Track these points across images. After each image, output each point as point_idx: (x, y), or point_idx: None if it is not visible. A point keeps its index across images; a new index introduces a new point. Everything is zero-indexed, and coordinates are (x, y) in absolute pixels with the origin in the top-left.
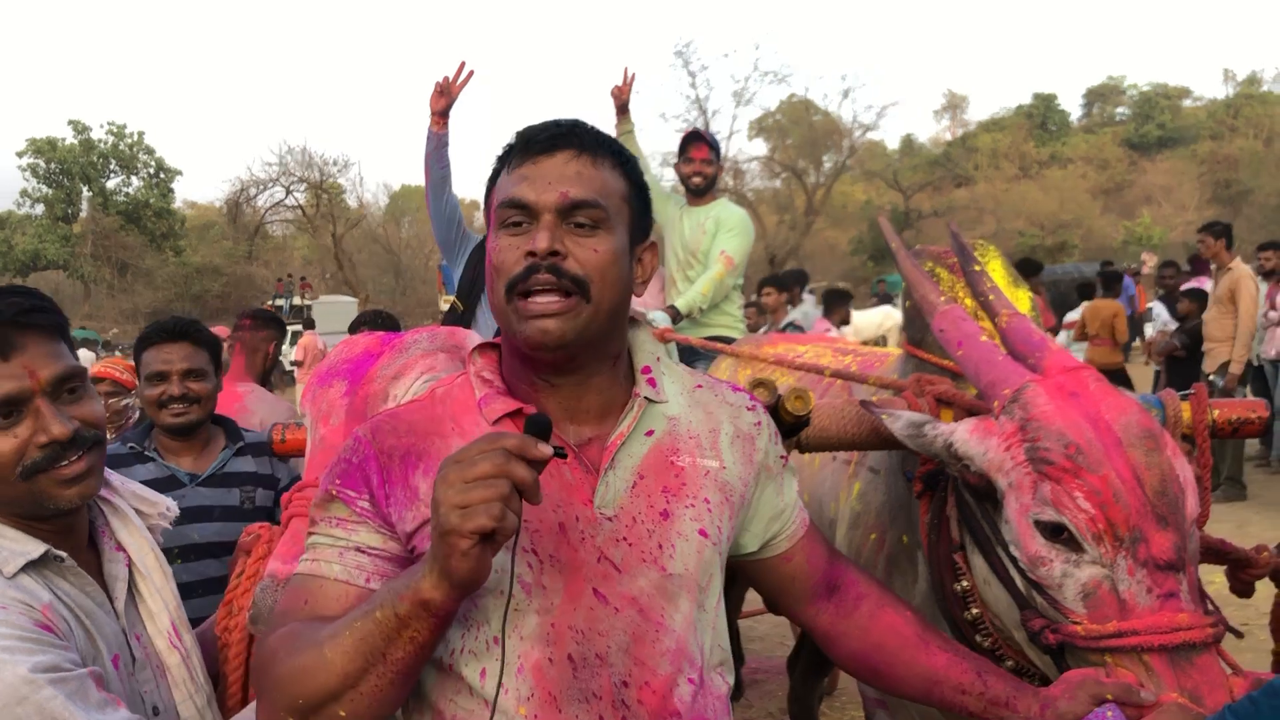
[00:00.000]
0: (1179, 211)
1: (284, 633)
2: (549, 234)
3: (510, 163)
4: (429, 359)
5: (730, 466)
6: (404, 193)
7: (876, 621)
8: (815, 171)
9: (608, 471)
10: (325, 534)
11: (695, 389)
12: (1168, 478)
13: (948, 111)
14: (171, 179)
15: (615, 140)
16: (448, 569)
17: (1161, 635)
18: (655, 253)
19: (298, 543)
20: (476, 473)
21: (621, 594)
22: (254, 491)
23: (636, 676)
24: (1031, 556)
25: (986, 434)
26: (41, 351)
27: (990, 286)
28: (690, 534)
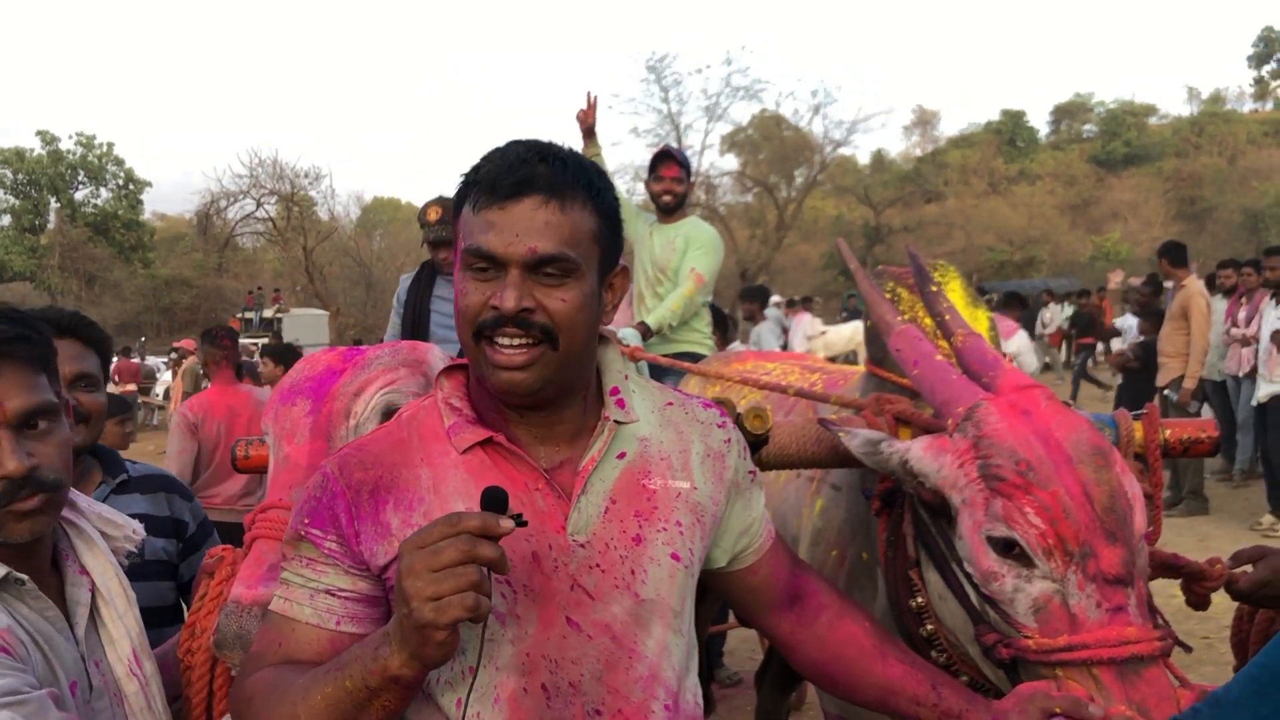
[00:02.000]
0: (1145, 228)
1: (259, 679)
2: (516, 292)
3: (475, 200)
4: (390, 374)
5: (701, 486)
6: (375, 205)
7: (835, 631)
8: (787, 186)
9: (580, 497)
10: (296, 573)
11: (665, 407)
12: (1116, 494)
13: (918, 127)
14: (141, 190)
15: (584, 166)
16: (421, 655)
17: (1110, 649)
18: (626, 276)
19: (260, 565)
20: (443, 561)
21: (595, 621)
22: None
23: (610, 704)
24: (984, 572)
25: (940, 451)
26: (15, 382)
27: (946, 306)
28: (663, 559)
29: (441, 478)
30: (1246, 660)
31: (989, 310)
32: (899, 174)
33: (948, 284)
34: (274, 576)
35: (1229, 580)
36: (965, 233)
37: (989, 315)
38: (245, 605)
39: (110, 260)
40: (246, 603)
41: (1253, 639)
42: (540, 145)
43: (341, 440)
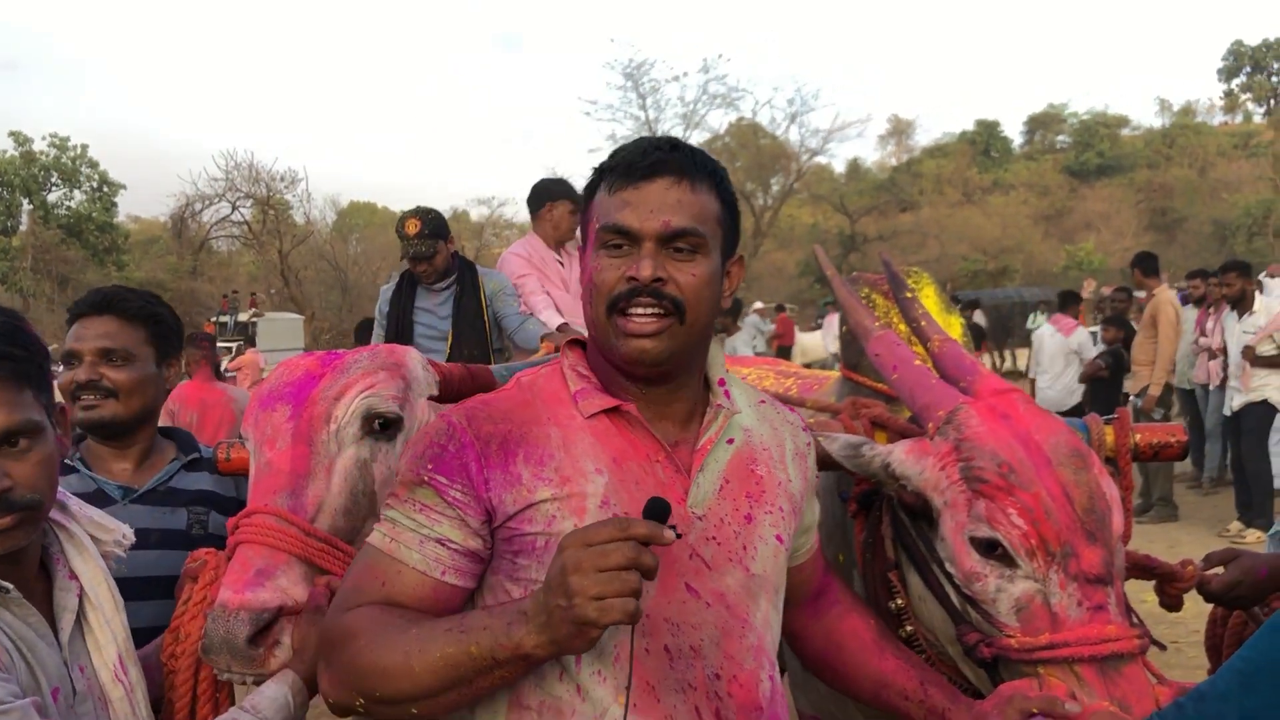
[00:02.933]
0: (1117, 238)
1: (363, 616)
2: (652, 261)
3: (611, 184)
4: (370, 377)
5: (794, 480)
6: (352, 209)
7: (842, 624)
8: (763, 194)
9: (698, 474)
10: (408, 516)
11: (759, 404)
12: (1095, 495)
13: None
14: (115, 193)
15: (710, 158)
16: (567, 645)
17: (1091, 646)
18: (742, 266)
19: (246, 570)
20: (611, 563)
21: (711, 589)
22: (206, 515)
23: (727, 670)
24: (967, 572)
25: (922, 454)
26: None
27: (922, 313)
28: (769, 538)
29: (571, 438)
30: (1221, 662)
31: (961, 318)
32: (874, 183)
33: (921, 290)
34: (261, 582)
35: (1201, 582)
36: (940, 242)
37: (961, 322)
38: (232, 610)
39: (83, 263)
40: (233, 608)
41: (1227, 641)
42: (668, 138)
43: (323, 445)
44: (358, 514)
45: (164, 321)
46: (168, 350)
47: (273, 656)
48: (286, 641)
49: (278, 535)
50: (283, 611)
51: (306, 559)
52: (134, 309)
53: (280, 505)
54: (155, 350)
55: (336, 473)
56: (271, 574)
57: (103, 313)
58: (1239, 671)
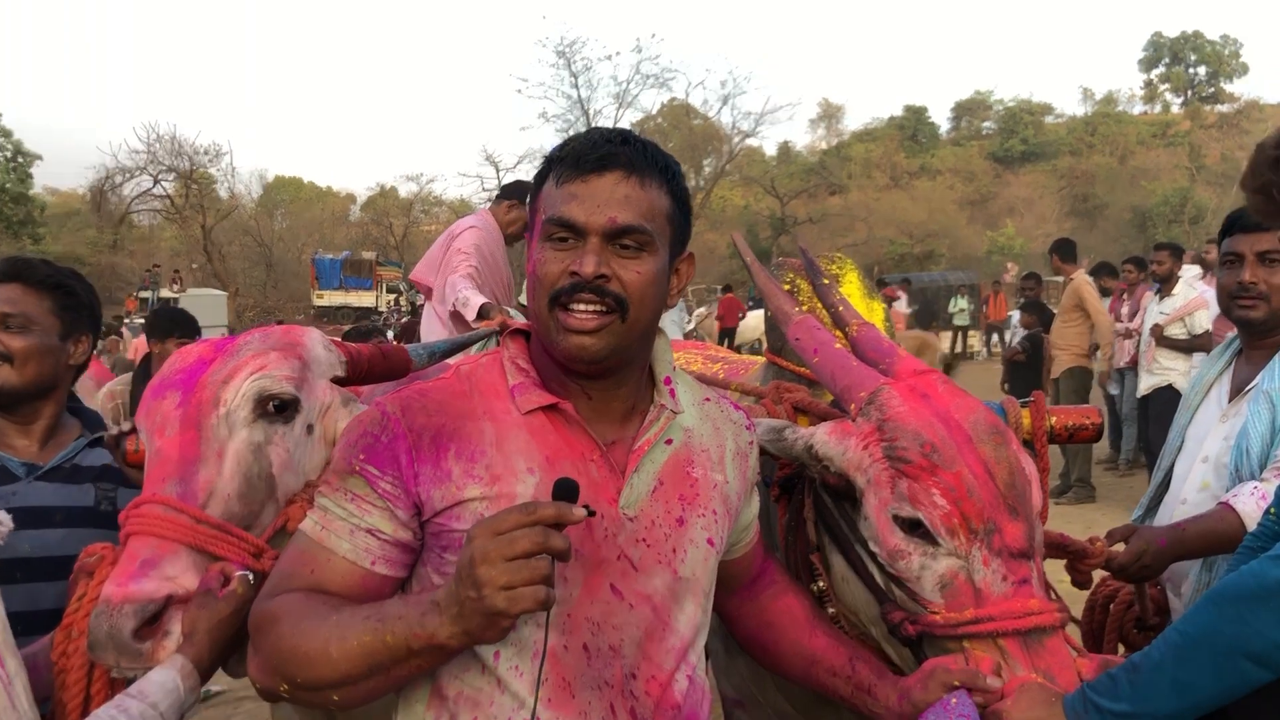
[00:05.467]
0: (1040, 223)
1: (287, 601)
2: (596, 257)
3: (559, 176)
4: (260, 359)
5: (731, 482)
6: (278, 184)
7: (775, 603)
8: (695, 176)
9: (633, 475)
10: (339, 505)
11: (704, 402)
12: (1015, 470)
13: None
14: (30, 164)
15: (661, 153)
16: (479, 636)
17: (1015, 620)
18: (692, 263)
19: (133, 562)
20: (518, 550)
21: (637, 591)
22: (114, 490)
23: (645, 670)
24: (890, 551)
25: (845, 435)
26: None
27: (839, 299)
28: (700, 542)
29: (504, 434)
30: (1099, 649)
31: (885, 303)
32: (805, 166)
33: (845, 275)
34: (145, 573)
35: (1109, 557)
36: (867, 225)
37: (884, 307)
38: (115, 605)
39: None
40: (117, 602)
41: (1108, 629)
42: (622, 131)
43: (213, 429)
44: (254, 498)
45: (74, 294)
46: (76, 325)
47: (161, 648)
48: (176, 630)
49: (165, 524)
50: (171, 601)
51: (197, 546)
52: (40, 277)
53: (169, 493)
54: (60, 323)
55: (228, 457)
56: (157, 564)
57: (8, 280)
58: (1174, 645)
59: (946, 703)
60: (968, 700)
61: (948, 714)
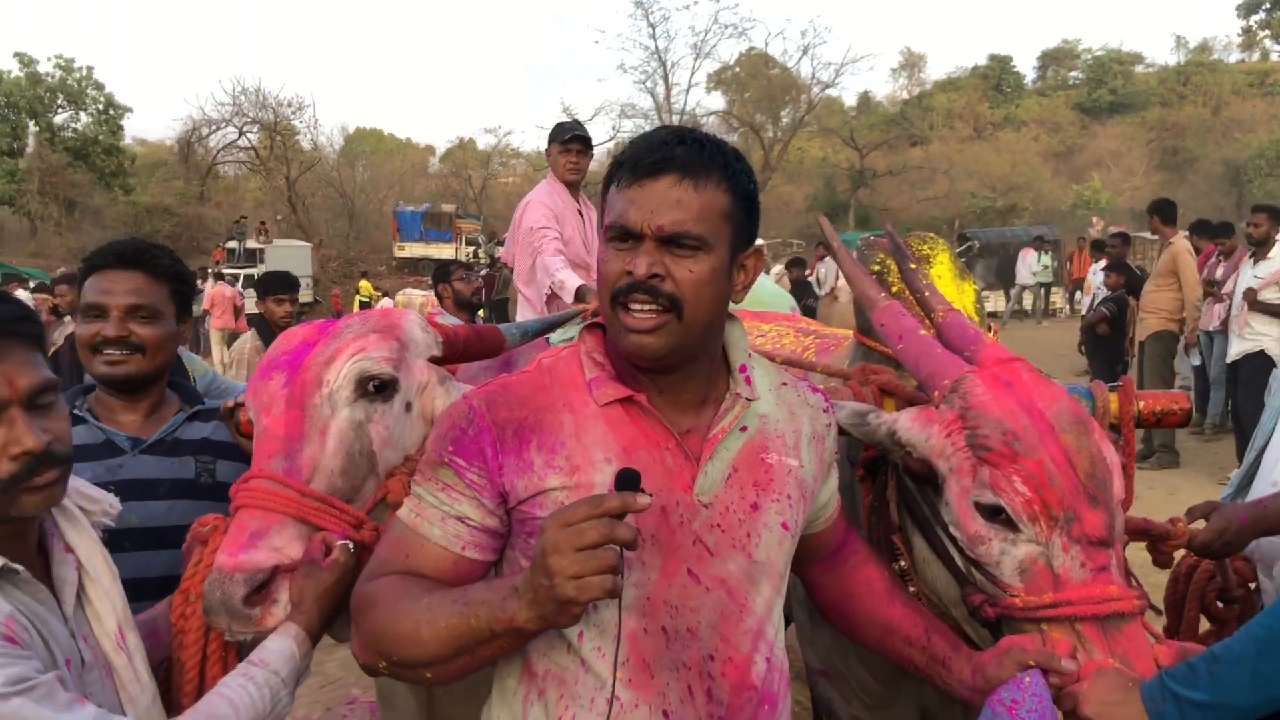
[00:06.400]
0: (1127, 176)
1: (384, 585)
2: (648, 260)
3: (619, 180)
4: (360, 341)
5: (807, 466)
6: (359, 135)
7: (856, 573)
8: (773, 127)
9: (707, 462)
10: (431, 494)
11: (780, 386)
12: (1096, 460)
13: (905, 70)
14: (121, 116)
15: (722, 149)
16: (553, 621)
17: (1094, 605)
18: (760, 256)
19: (242, 533)
20: (586, 540)
21: (713, 575)
22: (213, 463)
23: (722, 651)
24: (971, 536)
25: (928, 422)
26: (21, 360)
27: (926, 284)
28: (775, 526)
29: (583, 426)
30: (1180, 620)
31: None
32: (885, 117)
33: (936, 257)
34: (254, 543)
35: (1190, 536)
36: (949, 178)
37: (975, 288)
38: (227, 573)
39: (90, 186)
40: (228, 570)
41: (1189, 597)
42: (682, 130)
43: (316, 408)
44: (355, 473)
45: (186, 281)
46: (184, 307)
47: (270, 614)
48: (284, 598)
49: (272, 498)
50: (278, 570)
51: (302, 518)
52: (164, 267)
53: (275, 469)
54: (176, 308)
55: (331, 434)
56: (265, 535)
57: (130, 268)
58: (1255, 638)
59: (1020, 681)
60: (1041, 680)
61: (1021, 692)
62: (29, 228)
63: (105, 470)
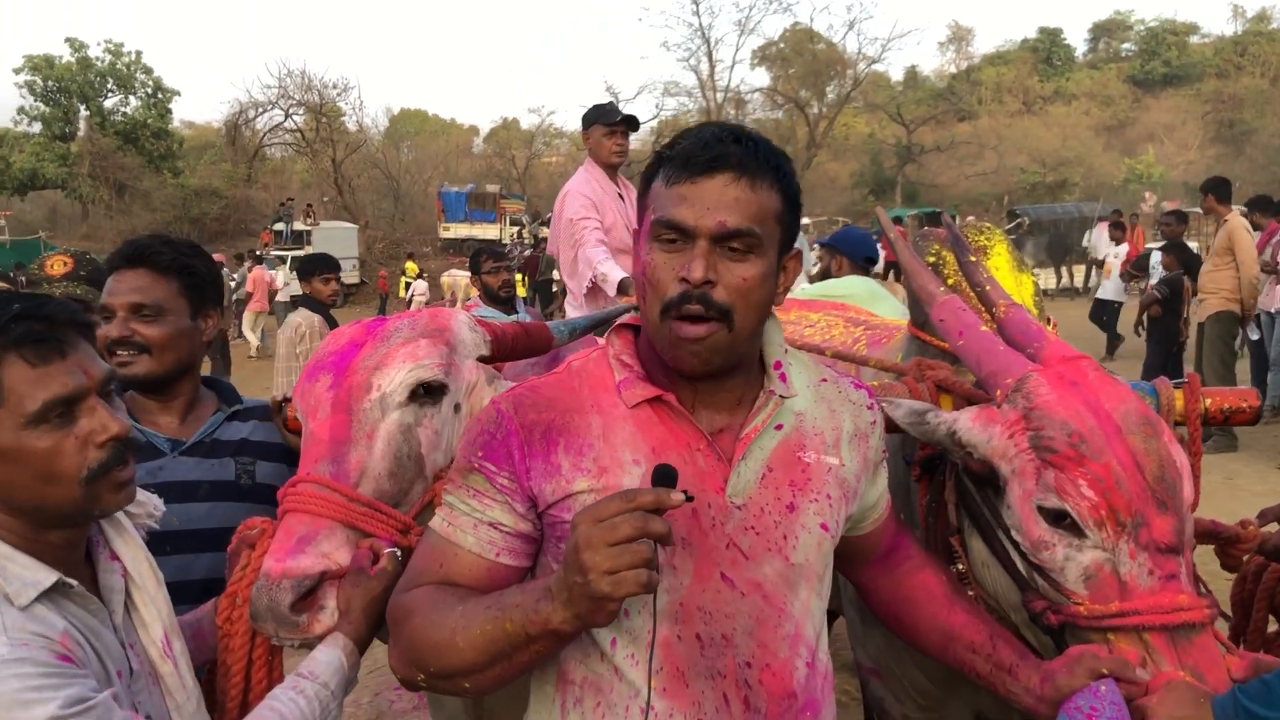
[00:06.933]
0: (1181, 150)
1: (420, 595)
2: (704, 262)
3: (669, 176)
4: (410, 346)
5: (848, 464)
6: (403, 116)
7: (912, 578)
8: (818, 103)
9: (740, 463)
10: (462, 501)
11: (820, 383)
12: (1165, 463)
13: (953, 44)
14: (169, 99)
15: (774, 150)
16: (590, 620)
17: (1163, 615)
18: (799, 260)
19: (290, 538)
20: (620, 535)
21: (748, 579)
22: (253, 465)
23: (759, 658)
24: (1034, 541)
25: (989, 422)
26: (88, 352)
27: (986, 277)
28: (813, 527)
29: (611, 427)
30: (1248, 619)
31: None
32: (932, 91)
33: (993, 248)
34: (302, 549)
35: (1261, 540)
36: (998, 153)
37: (1033, 280)
38: (274, 579)
39: (140, 169)
40: (275, 576)
41: (1258, 598)
42: (733, 127)
43: (365, 413)
44: (404, 477)
45: (198, 273)
46: (203, 302)
47: (317, 621)
48: (331, 605)
49: (320, 502)
50: (326, 576)
51: (349, 524)
52: (165, 261)
53: (323, 473)
54: (189, 303)
55: (379, 439)
56: (313, 540)
57: (135, 266)
58: None
59: (1096, 689)
60: (1116, 689)
61: (1099, 700)
62: (80, 211)
63: (145, 473)
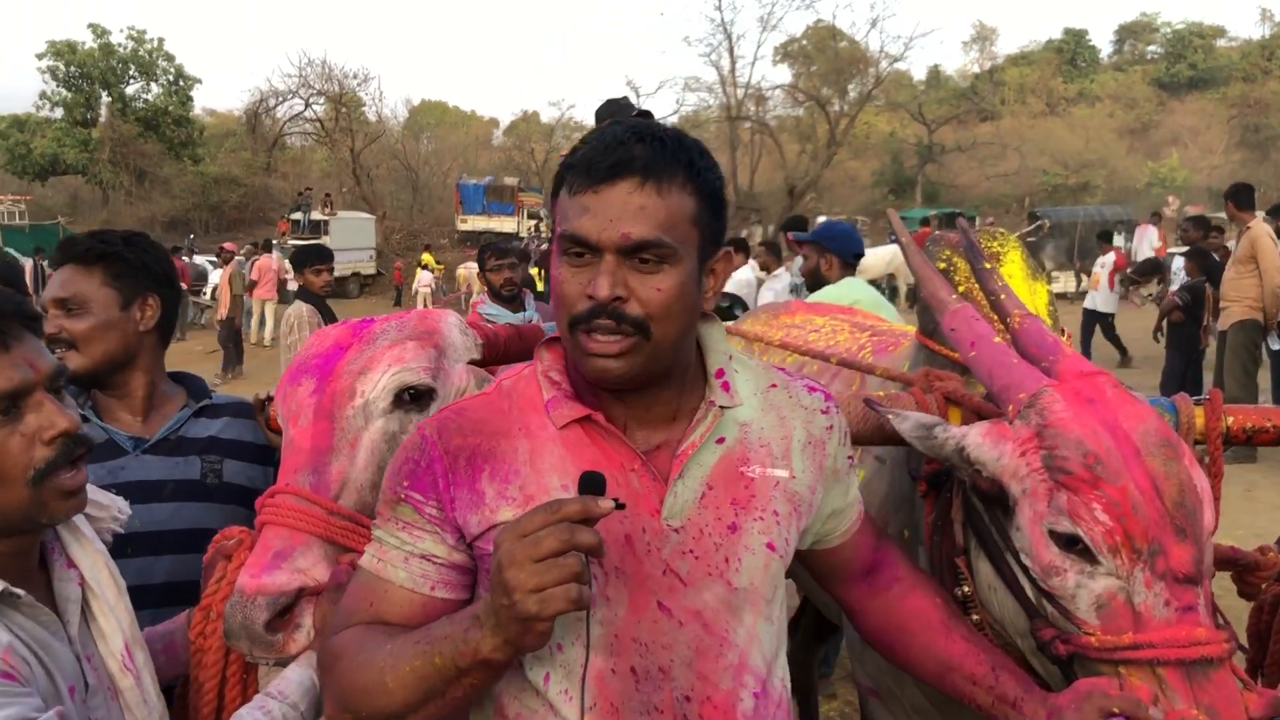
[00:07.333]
0: (1205, 154)
1: (348, 638)
2: (610, 279)
3: (572, 185)
4: (396, 349)
5: (800, 475)
6: (423, 107)
7: (904, 603)
8: (839, 100)
9: (677, 481)
10: (391, 535)
11: (769, 389)
12: (1186, 488)
13: (976, 43)
14: (190, 87)
15: (685, 145)
16: (519, 644)
17: (1179, 649)
18: (729, 260)
19: (265, 553)
20: (545, 550)
21: (686, 607)
22: (220, 463)
23: (699, 691)
24: (1044, 566)
25: (1000, 439)
26: (37, 346)
27: (1001, 285)
28: (758, 548)
29: (539, 451)
30: (1265, 652)
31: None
32: (955, 91)
33: (1007, 254)
34: (278, 564)
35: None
36: (1020, 154)
37: (1048, 289)
38: (249, 596)
39: (160, 156)
40: (250, 593)
41: (1275, 629)
42: (639, 125)
43: (348, 420)
44: None
45: (123, 259)
46: (134, 289)
47: (293, 640)
48: (307, 623)
49: (298, 515)
50: (303, 593)
51: (328, 538)
52: (82, 251)
53: (303, 484)
54: (116, 292)
55: (362, 448)
56: (290, 555)
57: (63, 262)
58: None
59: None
60: None
61: None
62: (101, 197)
63: (106, 472)
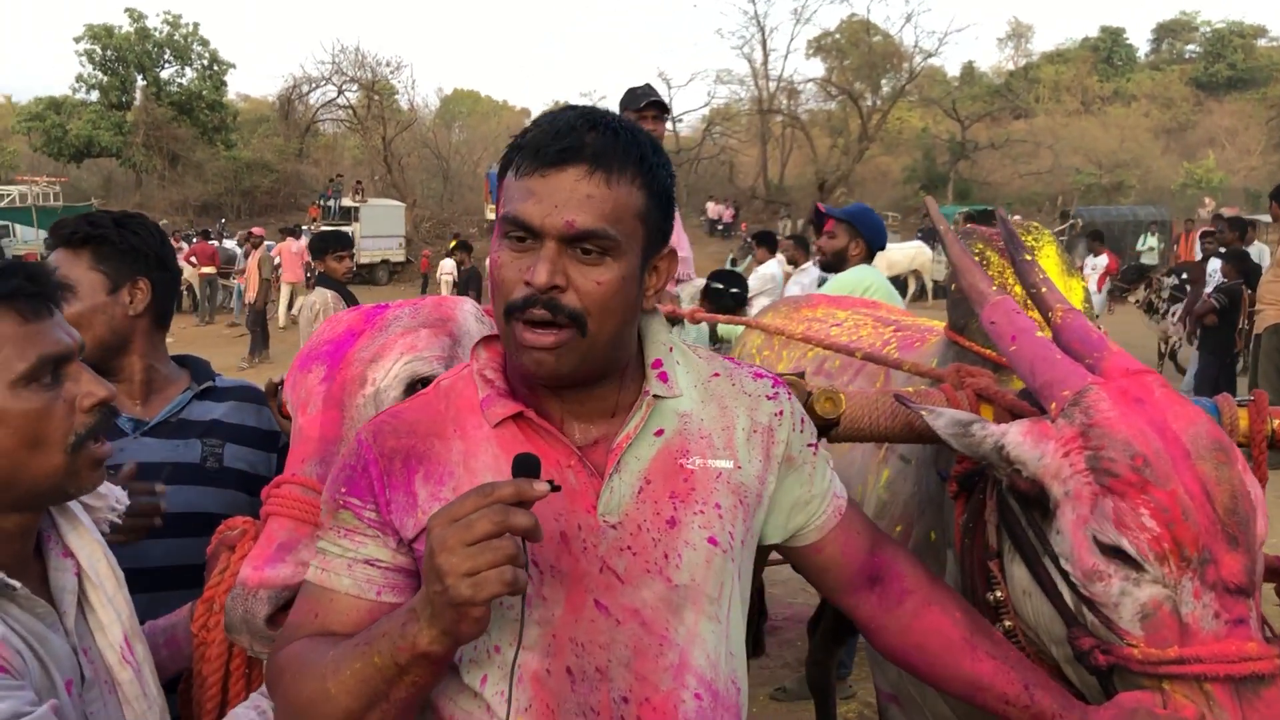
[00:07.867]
0: (1243, 156)
1: (292, 651)
2: (549, 266)
3: (519, 166)
4: (409, 337)
5: (746, 465)
6: (455, 97)
7: (920, 620)
8: (872, 95)
9: (613, 476)
10: (334, 543)
11: (711, 379)
12: (1238, 494)
13: (1011, 40)
14: (224, 72)
15: (637, 138)
16: (456, 632)
17: (1228, 665)
18: (673, 259)
19: (270, 545)
20: (477, 533)
21: (624, 606)
22: (221, 447)
23: (637, 692)
24: (1086, 571)
25: (1042, 438)
26: (63, 320)
27: (1042, 279)
28: (699, 543)
29: (473, 451)
30: None
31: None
32: (989, 88)
33: (1041, 249)
34: (281, 557)
35: None
36: (1053, 153)
37: (1084, 285)
38: (251, 589)
39: (193, 140)
40: (252, 586)
41: None
42: (593, 113)
43: (359, 409)
44: None
45: (109, 242)
46: (122, 272)
47: None
48: None
49: (304, 507)
50: None
51: None
52: (69, 235)
53: (310, 474)
54: (104, 276)
55: None
56: (294, 548)
57: (53, 246)
58: None
59: None
60: None
61: None
62: (134, 180)
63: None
